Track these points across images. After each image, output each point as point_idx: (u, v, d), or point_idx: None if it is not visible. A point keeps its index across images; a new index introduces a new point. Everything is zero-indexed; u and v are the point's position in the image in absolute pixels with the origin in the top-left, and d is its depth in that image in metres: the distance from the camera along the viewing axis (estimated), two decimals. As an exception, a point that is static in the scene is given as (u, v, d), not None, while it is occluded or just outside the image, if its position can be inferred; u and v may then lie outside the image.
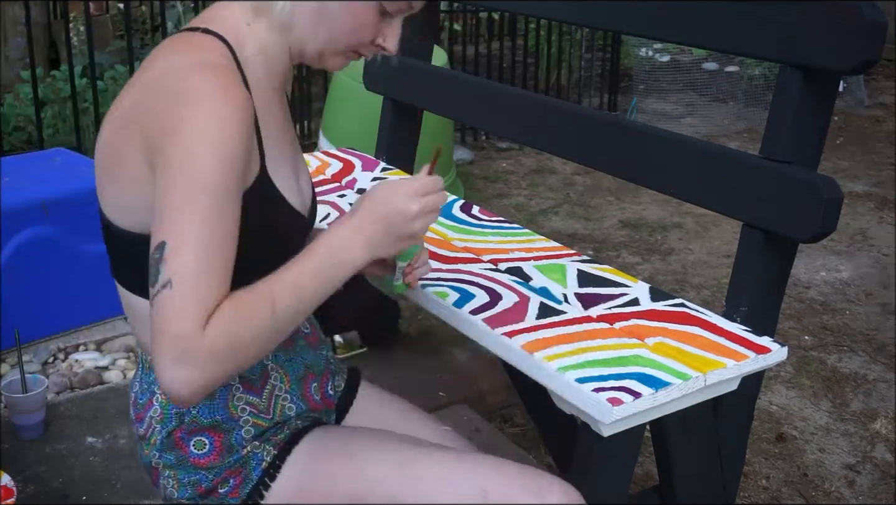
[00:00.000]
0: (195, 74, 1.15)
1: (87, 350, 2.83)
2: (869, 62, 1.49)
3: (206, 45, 1.22)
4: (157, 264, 1.09)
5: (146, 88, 1.19)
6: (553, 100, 2.28)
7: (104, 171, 1.24)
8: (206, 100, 1.12)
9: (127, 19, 4.34)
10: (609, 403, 1.31)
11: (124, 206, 1.23)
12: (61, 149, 3.38)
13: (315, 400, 1.45)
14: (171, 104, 1.13)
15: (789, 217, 1.58)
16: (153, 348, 1.09)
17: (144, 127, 1.16)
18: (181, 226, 1.09)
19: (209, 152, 1.10)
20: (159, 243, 1.10)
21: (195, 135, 1.10)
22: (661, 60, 5.92)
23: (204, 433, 1.33)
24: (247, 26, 1.26)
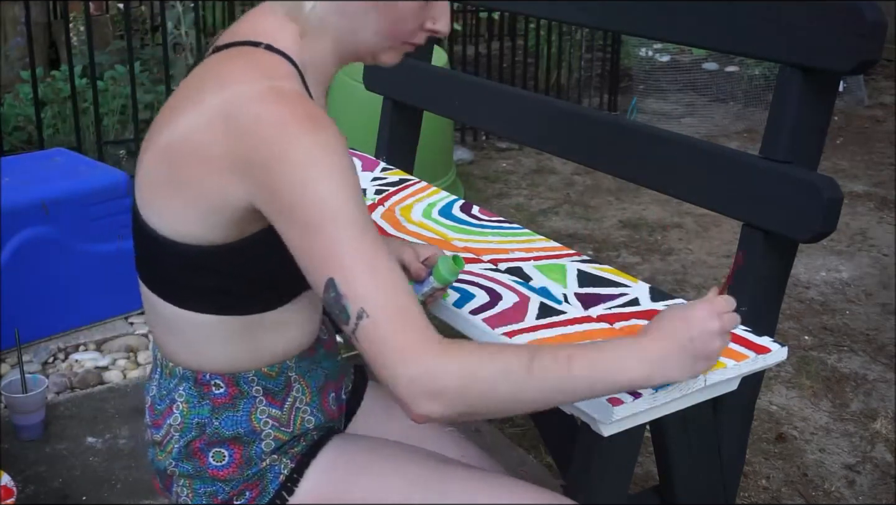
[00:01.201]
0: (278, 105, 1.11)
1: (87, 350, 2.83)
2: (869, 62, 1.49)
3: (277, 67, 1.18)
4: (339, 301, 1.07)
5: (222, 115, 1.13)
6: (553, 100, 2.27)
7: (161, 186, 1.20)
8: (302, 130, 1.09)
9: (127, 19, 4.34)
10: (609, 403, 1.31)
11: (179, 220, 1.20)
12: (61, 149, 3.38)
13: (332, 410, 1.43)
14: (262, 139, 1.10)
15: (789, 217, 1.58)
16: (378, 374, 1.08)
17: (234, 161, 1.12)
18: (339, 261, 1.07)
19: (325, 181, 1.08)
20: (327, 282, 1.08)
21: (305, 168, 1.08)
22: (661, 60, 5.92)
23: (224, 445, 1.31)
24: (302, 39, 1.23)
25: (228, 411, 1.30)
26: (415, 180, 2.26)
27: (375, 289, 1.07)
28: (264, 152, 1.09)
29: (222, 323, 1.26)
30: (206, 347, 1.28)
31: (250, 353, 1.29)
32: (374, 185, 2.22)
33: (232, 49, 1.21)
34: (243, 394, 1.30)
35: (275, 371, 1.32)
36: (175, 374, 1.32)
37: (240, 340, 1.28)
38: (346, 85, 3.90)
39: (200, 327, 1.26)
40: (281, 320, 1.29)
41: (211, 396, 1.30)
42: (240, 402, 1.30)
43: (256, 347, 1.29)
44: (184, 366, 1.31)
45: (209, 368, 1.29)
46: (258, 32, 1.22)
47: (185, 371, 1.30)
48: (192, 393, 1.30)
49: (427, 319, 1.09)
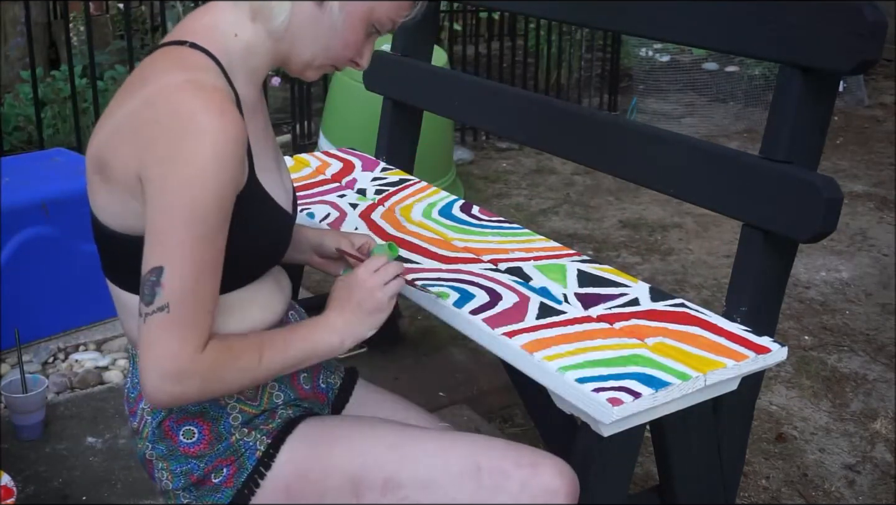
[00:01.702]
0: (191, 98, 1.18)
1: (87, 350, 2.83)
2: (869, 62, 1.49)
3: (197, 62, 1.25)
4: (154, 287, 1.18)
5: (142, 106, 1.22)
6: (553, 100, 2.28)
7: (96, 174, 1.28)
8: (207, 126, 1.16)
9: (127, 19, 4.34)
10: (609, 403, 1.31)
11: (113, 210, 1.27)
12: (61, 149, 3.38)
13: (305, 389, 1.47)
14: (168, 128, 1.17)
15: (789, 217, 1.58)
16: (141, 360, 1.20)
17: (140, 143, 1.20)
18: (177, 254, 1.18)
19: (207, 184, 1.16)
20: (155, 267, 1.18)
21: (194, 164, 1.16)
22: (661, 60, 5.92)
23: (193, 422, 1.35)
24: (234, 37, 1.29)
25: None
26: (415, 180, 2.26)
27: (187, 295, 1.19)
28: (167, 135, 1.17)
29: None
30: None
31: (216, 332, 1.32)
32: (374, 185, 2.22)
33: (159, 50, 1.29)
34: None
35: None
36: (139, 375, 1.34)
37: None
38: (346, 85, 3.90)
39: None
40: (244, 299, 1.35)
41: None
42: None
43: (220, 328, 1.32)
44: None
45: None
46: (190, 31, 1.29)
47: None
48: None
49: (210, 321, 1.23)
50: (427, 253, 1.82)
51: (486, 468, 1.33)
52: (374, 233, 1.95)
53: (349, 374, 1.60)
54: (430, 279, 1.70)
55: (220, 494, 1.36)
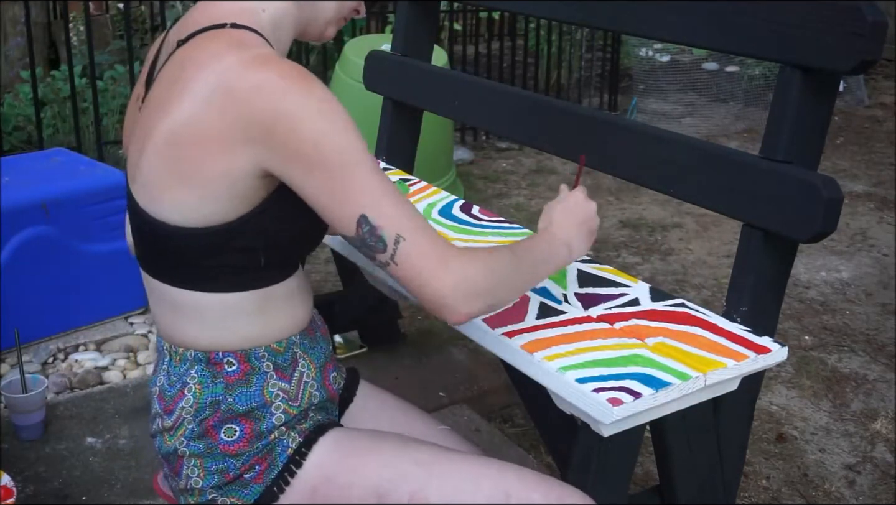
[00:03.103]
0: (267, 69, 1.18)
1: (86, 350, 2.83)
2: (869, 62, 1.49)
3: (249, 39, 1.25)
4: (374, 233, 1.19)
5: (218, 93, 1.19)
6: (553, 100, 2.27)
7: (166, 176, 1.24)
8: (299, 86, 1.17)
9: (127, 19, 4.34)
10: (609, 403, 1.31)
11: (189, 205, 1.24)
12: (61, 149, 3.38)
13: (332, 389, 1.47)
14: (264, 104, 1.16)
15: (789, 217, 1.58)
16: (422, 288, 1.21)
17: (239, 132, 1.18)
18: (367, 194, 1.18)
19: (338, 127, 1.18)
20: (359, 218, 1.19)
21: (317, 121, 1.17)
22: (661, 60, 5.92)
23: (236, 420, 1.34)
24: (262, 13, 1.31)
25: (242, 387, 1.34)
26: (415, 180, 2.26)
27: (403, 216, 1.20)
28: (271, 115, 1.16)
29: (238, 300, 1.31)
30: (221, 327, 1.32)
31: (262, 328, 1.34)
32: (374, 185, 2.22)
33: (197, 37, 1.26)
34: (255, 370, 1.35)
35: (282, 346, 1.37)
36: (186, 358, 1.35)
37: (254, 316, 1.33)
38: (346, 85, 3.90)
39: (216, 308, 1.31)
40: (288, 292, 1.36)
41: (224, 374, 1.34)
42: (252, 377, 1.35)
43: (267, 322, 1.34)
44: (196, 348, 1.34)
45: (222, 347, 1.33)
46: (218, 16, 1.28)
47: (197, 353, 1.34)
48: (204, 374, 1.34)
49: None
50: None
51: (514, 497, 1.32)
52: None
53: (351, 374, 1.60)
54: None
55: (247, 491, 1.35)
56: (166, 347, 1.39)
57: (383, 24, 5.65)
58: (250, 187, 1.22)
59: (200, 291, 1.30)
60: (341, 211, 1.19)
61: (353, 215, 1.19)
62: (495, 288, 1.27)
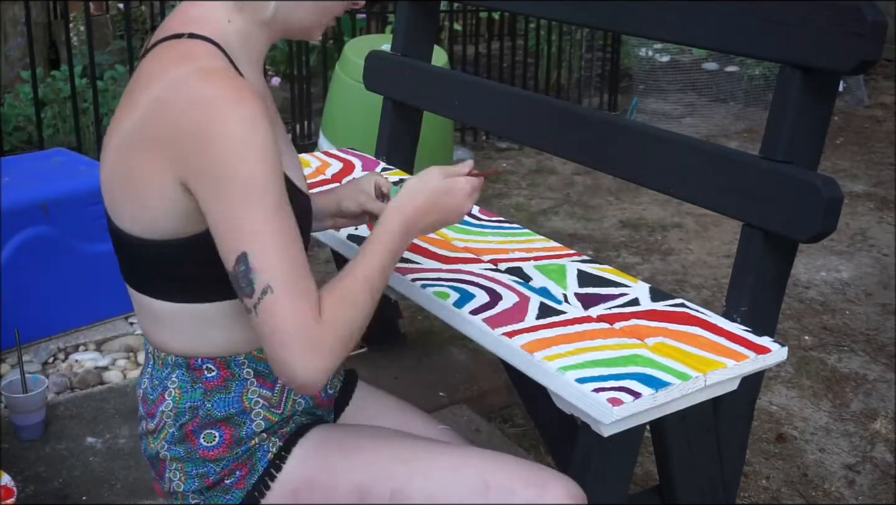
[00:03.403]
0: (206, 83, 1.16)
1: (87, 350, 2.83)
2: (869, 62, 1.49)
3: (200, 51, 1.23)
4: (247, 275, 1.15)
5: (156, 104, 1.19)
6: (553, 100, 2.27)
7: (118, 188, 1.26)
8: (230, 106, 1.14)
9: (127, 19, 4.34)
10: (609, 403, 1.31)
11: (144, 218, 1.24)
12: (61, 149, 3.38)
13: (321, 396, 1.47)
14: (192, 118, 1.15)
15: (789, 217, 1.58)
16: (275, 351, 1.17)
17: (167, 144, 1.17)
18: (255, 234, 1.15)
19: (253, 156, 1.14)
20: (239, 255, 1.15)
21: (234, 144, 1.13)
22: (661, 60, 5.92)
23: (216, 426, 1.34)
24: (228, 23, 1.28)
25: (220, 393, 1.34)
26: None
27: (282, 266, 1.16)
28: (194, 129, 1.14)
29: (213, 310, 1.30)
30: (199, 336, 1.32)
31: (241, 336, 1.33)
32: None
33: (158, 47, 1.26)
34: (234, 376, 1.34)
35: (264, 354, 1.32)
36: (167, 363, 1.35)
37: (231, 325, 1.31)
38: (346, 85, 3.90)
39: (191, 318, 1.30)
40: None
41: (203, 379, 1.33)
42: (231, 384, 1.34)
43: (246, 331, 1.32)
44: (176, 354, 1.34)
45: (203, 354, 1.33)
46: (183, 23, 1.27)
47: (178, 358, 1.34)
48: (184, 379, 1.34)
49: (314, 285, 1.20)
50: (427, 253, 1.82)
51: (494, 486, 1.32)
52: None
53: (349, 375, 1.60)
54: (431, 279, 1.70)
55: (229, 496, 1.35)
56: (150, 351, 1.39)
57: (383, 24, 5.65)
58: (191, 205, 1.20)
59: (173, 302, 1.29)
60: (227, 241, 1.16)
61: (235, 250, 1.15)
62: (350, 343, 1.23)
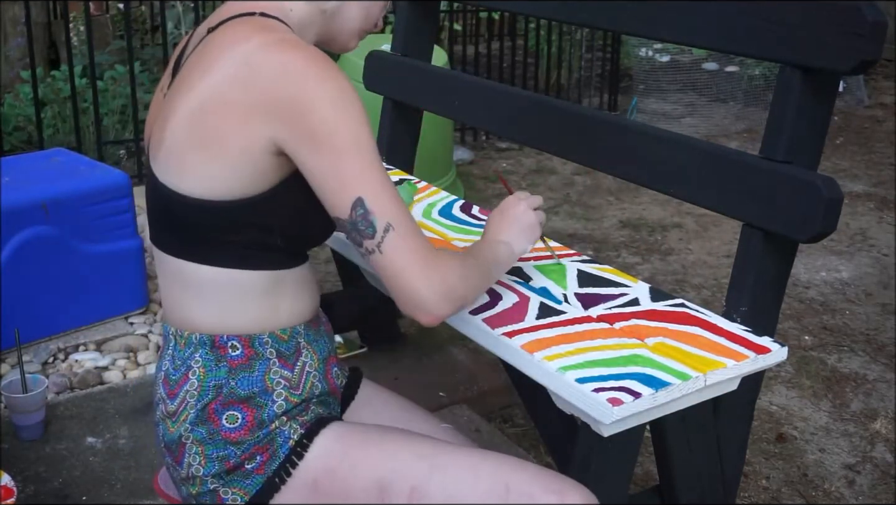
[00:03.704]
0: (294, 52, 1.24)
1: (87, 350, 2.83)
2: (869, 62, 1.49)
3: (275, 25, 1.30)
4: (367, 217, 1.23)
5: (243, 68, 1.24)
6: (553, 100, 2.27)
7: (191, 149, 1.28)
8: (321, 73, 1.23)
9: (127, 19, 4.34)
10: (609, 403, 1.31)
11: (215, 177, 1.28)
12: (61, 149, 3.38)
13: (334, 383, 1.48)
14: (288, 84, 1.22)
15: (789, 217, 1.58)
16: (401, 283, 1.25)
17: (259, 109, 1.23)
18: (366, 181, 1.23)
19: (349, 115, 1.23)
20: (355, 201, 1.23)
21: (333, 106, 1.22)
22: (661, 60, 5.92)
23: (238, 407, 1.35)
24: (290, 11, 1.36)
25: (244, 372, 1.36)
26: (415, 180, 2.26)
27: (397, 209, 1.24)
28: (291, 94, 1.22)
29: (249, 279, 1.34)
30: (230, 307, 1.35)
31: (269, 311, 1.36)
32: (374, 185, 2.22)
33: (227, 23, 1.32)
34: (258, 355, 1.36)
35: (287, 334, 1.38)
36: (191, 342, 1.37)
37: (262, 298, 1.35)
38: (346, 85, 3.89)
39: (226, 285, 1.34)
40: (297, 280, 1.39)
41: (228, 357, 1.35)
42: (255, 363, 1.36)
43: (277, 306, 1.36)
44: (201, 331, 1.36)
45: (228, 330, 1.35)
46: (253, 5, 1.34)
47: (202, 336, 1.36)
48: (208, 357, 1.36)
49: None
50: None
51: (514, 490, 1.33)
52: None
53: (353, 373, 1.61)
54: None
55: (249, 482, 1.36)
56: (172, 332, 1.40)
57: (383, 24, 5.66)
58: (269, 164, 1.27)
59: (213, 266, 1.33)
60: (341, 191, 1.23)
61: (350, 197, 1.23)
62: (466, 292, 1.32)
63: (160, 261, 1.40)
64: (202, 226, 1.31)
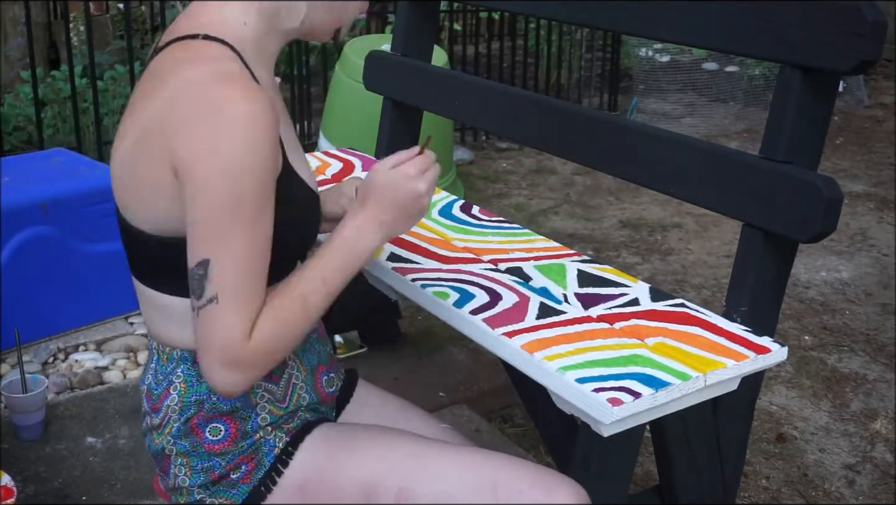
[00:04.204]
0: (217, 88, 1.18)
1: (87, 350, 2.83)
2: (869, 62, 1.49)
3: (214, 53, 1.24)
4: (202, 280, 1.18)
5: (166, 104, 1.20)
6: (553, 100, 2.27)
7: (125, 181, 1.27)
8: (237, 117, 1.16)
9: (127, 19, 4.34)
10: (609, 403, 1.31)
11: (147, 214, 1.26)
12: (61, 149, 3.38)
13: (326, 392, 1.48)
14: (199, 121, 1.16)
15: (789, 217, 1.58)
16: (201, 355, 1.21)
17: (170, 140, 1.19)
18: (222, 245, 1.18)
19: (246, 173, 1.16)
20: (202, 260, 1.18)
21: (232, 156, 1.15)
22: (661, 60, 5.92)
23: (221, 420, 1.35)
24: (244, 26, 1.29)
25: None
26: (415, 180, 2.25)
27: (235, 282, 1.18)
28: (195, 125, 1.16)
29: None
30: None
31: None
32: (374, 185, 2.22)
33: (170, 47, 1.27)
34: None
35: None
36: (172, 357, 1.35)
37: None
38: (346, 85, 3.90)
39: None
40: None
41: None
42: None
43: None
44: (181, 348, 1.34)
45: None
46: (196, 24, 1.28)
47: (183, 352, 1.34)
48: (190, 373, 1.34)
49: (262, 299, 1.23)
50: (427, 253, 1.82)
51: (501, 485, 1.33)
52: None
53: (349, 374, 1.60)
54: (431, 279, 1.70)
55: (235, 491, 1.36)
56: (154, 347, 1.40)
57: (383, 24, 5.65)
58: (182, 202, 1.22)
59: (182, 297, 1.30)
60: (195, 243, 1.19)
61: (200, 254, 1.18)
62: (273, 358, 1.25)
63: (133, 282, 1.38)
64: (159, 258, 1.29)
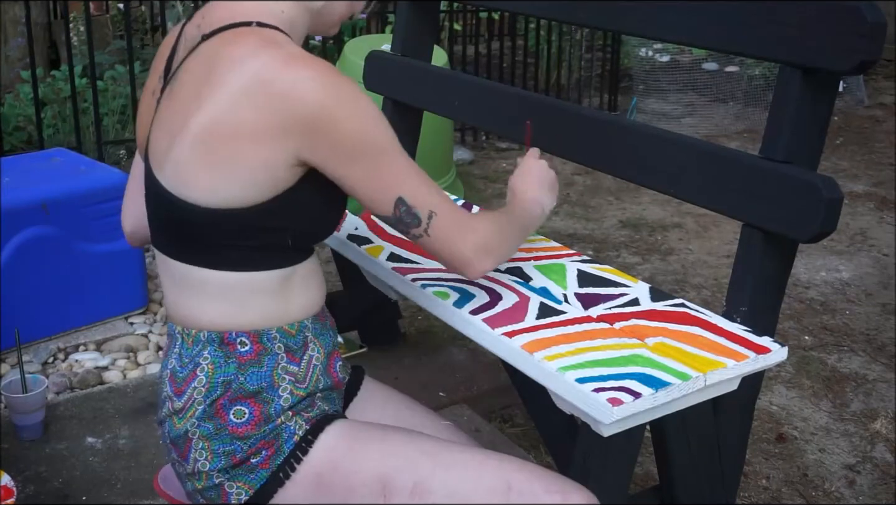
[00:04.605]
0: (304, 69, 1.27)
1: (86, 350, 2.83)
2: (869, 62, 1.49)
3: (278, 38, 1.31)
4: (410, 211, 1.35)
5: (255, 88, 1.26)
6: (553, 100, 2.27)
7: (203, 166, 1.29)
8: (336, 86, 1.28)
9: (127, 19, 4.34)
10: (609, 403, 1.31)
11: (230, 189, 1.29)
12: (61, 149, 3.38)
13: (339, 378, 1.49)
14: (307, 104, 1.25)
15: (789, 217, 1.58)
16: (454, 252, 1.40)
17: (280, 129, 1.26)
18: (403, 181, 1.35)
19: (372, 122, 1.31)
20: (396, 200, 1.34)
21: (356, 117, 1.29)
22: (661, 60, 5.92)
23: (246, 402, 1.36)
24: (282, 13, 1.37)
25: (253, 367, 1.37)
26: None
27: (432, 194, 1.37)
28: (311, 111, 1.26)
29: (261, 279, 1.35)
30: (239, 306, 1.36)
31: (279, 307, 1.38)
32: (374, 185, 2.22)
33: (224, 33, 1.31)
34: (267, 350, 1.37)
35: (294, 329, 1.40)
36: (199, 339, 1.37)
37: (274, 295, 1.37)
38: (346, 85, 3.89)
39: (239, 286, 1.35)
40: (306, 274, 1.41)
41: (237, 354, 1.36)
42: (264, 358, 1.37)
43: (285, 301, 1.38)
44: (209, 329, 1.37)
45: (236, 327, 1.36)
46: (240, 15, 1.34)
47: (210, 334, 1.37)
48: (217, 354, 1.36)
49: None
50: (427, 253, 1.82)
51: (516, 488, 1.33)
52: (375, 233, 1.95)
53: (356, 371, 1.61)
54: (431, 279, 1.70)
55: (254, 476, 1.36)
56: (178, 331, 1.41)
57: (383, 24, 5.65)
58: (289, 173, 1.30)
59: (226, 271, 1.34)
60: (382, 195, 1.33)
61: (391, 199, 1.34)
62: (503, 248, 1.46)
63: (163, 262, 1.40)
64: (214, 233, 1.32)
